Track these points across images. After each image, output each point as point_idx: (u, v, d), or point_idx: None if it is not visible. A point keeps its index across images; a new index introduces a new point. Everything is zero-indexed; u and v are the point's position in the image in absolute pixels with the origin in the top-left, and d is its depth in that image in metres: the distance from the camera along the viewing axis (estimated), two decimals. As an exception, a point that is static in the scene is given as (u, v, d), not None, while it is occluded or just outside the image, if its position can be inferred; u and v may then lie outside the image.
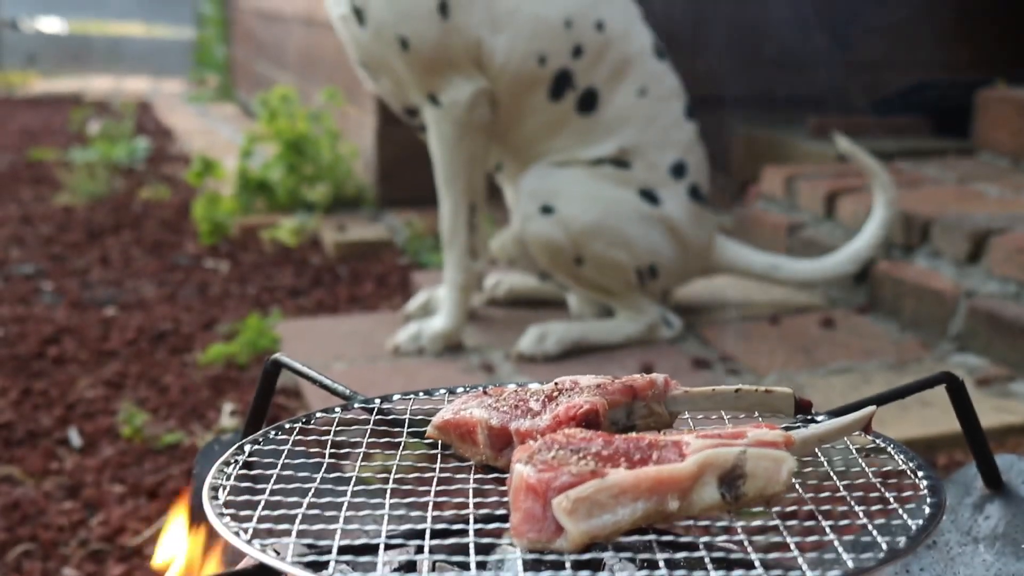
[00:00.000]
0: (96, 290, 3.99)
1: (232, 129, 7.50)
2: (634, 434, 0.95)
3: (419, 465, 1.10)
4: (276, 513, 0.96)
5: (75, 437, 2.79)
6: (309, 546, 0.96)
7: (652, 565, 1.06)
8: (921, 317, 3.18)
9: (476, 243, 3.16)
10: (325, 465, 1.07)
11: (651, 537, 0.94)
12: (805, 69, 5.23)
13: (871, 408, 1.01)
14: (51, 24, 14.12)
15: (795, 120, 4.96)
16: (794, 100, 5.15)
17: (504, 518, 1.14)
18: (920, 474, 1.01)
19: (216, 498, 0.97)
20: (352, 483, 1.03)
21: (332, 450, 1.11)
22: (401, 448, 1.12)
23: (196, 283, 4.06)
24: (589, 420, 1.02)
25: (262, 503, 0.97)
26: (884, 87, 5.11)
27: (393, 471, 1.06)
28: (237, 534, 0.92)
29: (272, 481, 1.01)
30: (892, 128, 4.74)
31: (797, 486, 0.97)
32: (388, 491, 1.01)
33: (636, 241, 3.04)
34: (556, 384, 1.09)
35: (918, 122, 4.83)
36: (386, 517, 0.97)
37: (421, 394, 1.24)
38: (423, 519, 1.05)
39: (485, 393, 1.11)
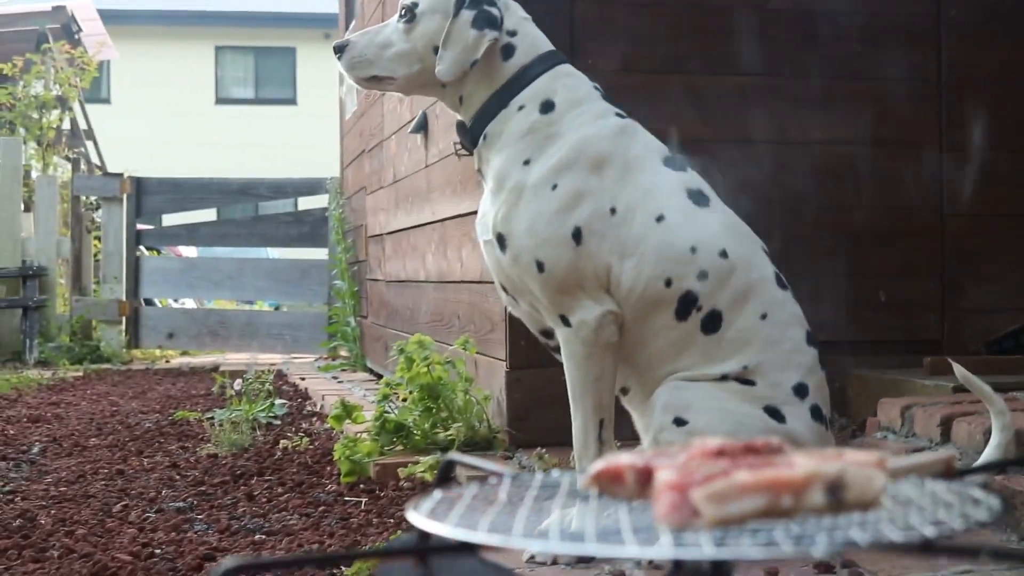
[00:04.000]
0: (244, 520, 4.22)
1: (365, 390, 7.80)
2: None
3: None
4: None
5: (233, 636, 2.98)
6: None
7: None
8: (1037, 527, 3.29)
9: (606, 458, 3.34)
10: (500, 503, 1.28)
11: None
12: (919, 314, 5.43)
13: (951, 452, 1.19)
14: (188, 303, 14.78)
15: (910, 363, 5.12)
16: (909, 344, 5.33)
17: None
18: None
19: (417, 510, 1.18)
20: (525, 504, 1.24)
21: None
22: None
23: (338, 514, 4.27)
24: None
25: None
26: (996, 329, 5.29)
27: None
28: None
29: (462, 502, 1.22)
30: (1005, 366, 4.88)
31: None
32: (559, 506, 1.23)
33: (762, 457, 3.20)
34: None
35: (1030, 360, 4.99)
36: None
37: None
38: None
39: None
